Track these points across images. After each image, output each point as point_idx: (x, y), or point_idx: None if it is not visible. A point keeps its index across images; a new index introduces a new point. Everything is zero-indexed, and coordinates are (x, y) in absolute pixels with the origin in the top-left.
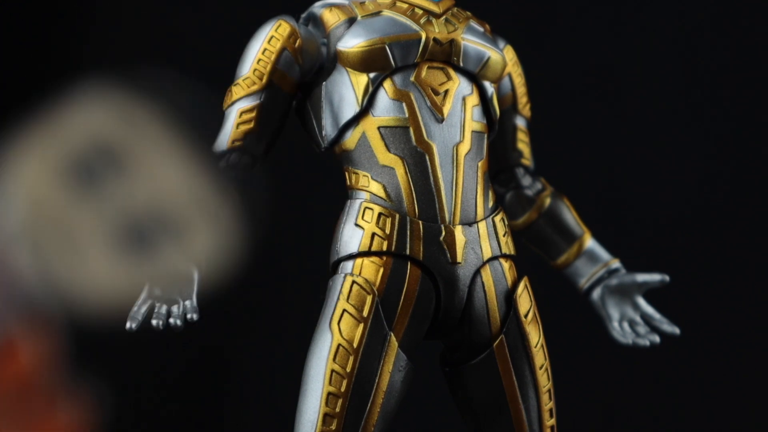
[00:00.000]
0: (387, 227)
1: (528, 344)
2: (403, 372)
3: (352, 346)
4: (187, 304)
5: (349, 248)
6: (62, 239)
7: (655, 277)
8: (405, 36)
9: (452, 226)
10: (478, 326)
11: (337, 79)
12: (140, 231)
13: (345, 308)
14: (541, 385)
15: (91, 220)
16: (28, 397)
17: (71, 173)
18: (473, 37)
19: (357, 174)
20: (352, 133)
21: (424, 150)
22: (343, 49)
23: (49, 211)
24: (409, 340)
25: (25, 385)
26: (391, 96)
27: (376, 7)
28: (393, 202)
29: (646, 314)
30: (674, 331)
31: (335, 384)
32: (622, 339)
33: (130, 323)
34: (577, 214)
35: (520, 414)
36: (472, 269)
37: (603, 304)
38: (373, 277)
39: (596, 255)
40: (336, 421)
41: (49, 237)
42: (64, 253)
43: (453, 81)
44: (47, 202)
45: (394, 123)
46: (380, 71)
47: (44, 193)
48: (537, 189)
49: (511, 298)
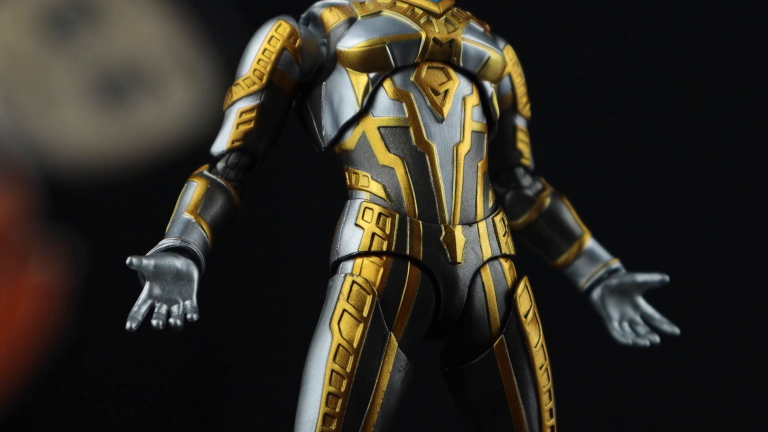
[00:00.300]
0: (387, 227)
1: (528, 344)
2: (403, 372)
3: (352, 346)
4: (187, 304)
5: (349, 248)
6: (36, 91)
7: (655, 277)
8: (405, 36)
9: (452, 226)
10: (478, 326)
11: (337, 79)
12: (116, 84)
13: (345, 308)
14: (541, 385)
15: (66, 73)
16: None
17: (46, 24)
18: (473, 37)
19: (357, 174)
20: (352, 133)
21: (424, 150)
22: (343, 49)
23: (23, 63)
24: (409, 340)
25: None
26: (391, 96)
27: (376, 7)
28: (393, 202)
29: (646, 314)
30: (674, 331)
31: (335, 384)
32: (622, 339)
33: (130, 323)
34: (577, 214)
35: (520, 414)
36: (472, 269)
37: (603, 304)
38: (373, 277)
39: (596, 255)
40: (336, 421)
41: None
42: (38, 105)
43: (453, 81)
44: (21, 53)
45: (394, 123)
46: (380, 71)
47: (18, 44)
48: (537, 189)
49: (511, 298)
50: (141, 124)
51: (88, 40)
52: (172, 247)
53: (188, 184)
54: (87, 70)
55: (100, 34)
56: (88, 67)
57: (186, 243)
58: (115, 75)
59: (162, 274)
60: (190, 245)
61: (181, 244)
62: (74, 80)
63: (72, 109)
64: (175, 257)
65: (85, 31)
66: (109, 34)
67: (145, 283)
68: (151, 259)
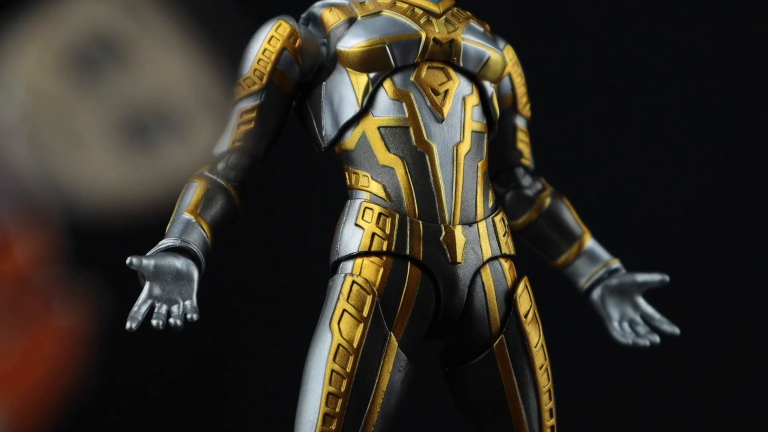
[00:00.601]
0: (387, 227)
1: (528, 344)
2: (403, 372)
3: (352, 346)
4: (187, 304)
5: (349, 248)
6: (61, 132)
7: (655, 277)
8: (405, 36)
9: (452, 226)
10: (478, 326)
11: (337, 79)
12: (142, 125)
13: (345, 308)
14: (541, 385)
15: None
16: (23, 295)
17: (72, 64)
18: (473, 37)
19: (357, 174)
20: (352, 133)
21: (424, 150)
22: (343, 49)
23: (49, 103)
24: (409, 340)
25: (20, 282)
26: (391, 96)
27: (376, 7)
28: (393, 202)
29: (646, 314)
30: (674, 331)
31: (335, 384)
32: (622, 339)
33: (130, 323)
34: (577, 214)
35: (520, 414)
36: (472, 269)
37: (603, 304)
38: (373, 277)
39: (596, 255)
40: (336, 421)
41: (47, 129)
42: (63, 146)
43: (453, 81)
44: (46, 93)
45: (394, 123)
46: (380, 71)
47: (43, 84)
48: (537, 189)
49: (511, 298)
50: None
51: (115, 81)
52: (172, 247)
53: (188, 184)
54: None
55: (127, 75)
56: (115, 108)
57: (186, 243)
58: (142, 116)
59: (162, 274)
60: (190, 245)
61: (181, 244)
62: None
63: (97, 151)
64: (175, 257)
65: (112, 72)
66: (136, 75)
67: (145, 283)
68: (151, 259)
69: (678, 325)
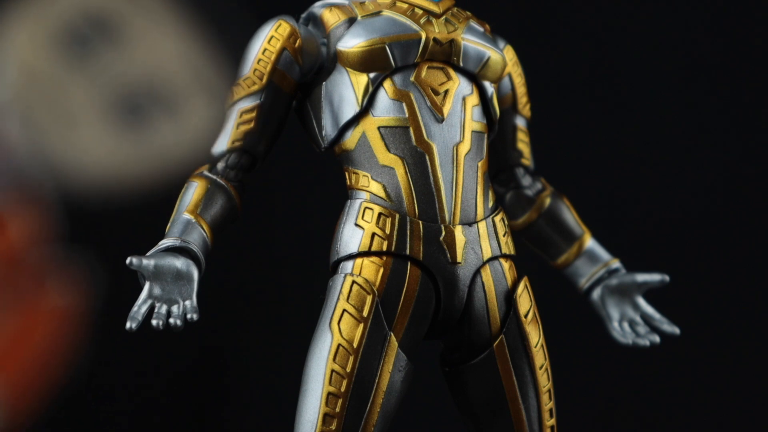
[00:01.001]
0: (387, 227)
1: (528, 344)
2: (403, 372)
3: (352, 346)
4: (187, 304)
5: (349, 248)
6: (54, 111)
7: (655, 277)
8: (405, 36)
9: (452, 226)
10: (478, 326)
11: (337, 79)
12: (134, 104)
13: (345, 308)
14: (541, 385)
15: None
16: (16, 274)
17: (64, 43)
18: (473, 37)
19: (357, 174)
20: (352, 133)
21: (424, 150)
22: (343, 49)
23: (41, 82)
24: (409, 340)
25: (13, 261)
26: (391, 96)
27: (376, 7)
28: (393, 202)
29: (646, 314)
30: (674, 331)
31: (335, 384)
32: (622, 339)
33: (130, 323)
34: (576, 214)
35: (520, 414)
36: (472, 269)
37: (603, 304)
38: (373, 277)
39: (596, 255)
40: (336, 421)
41: (40, 108)
42: (55, 124)
43: (453, 81)
44: (39, 72)
45: (394, 123)
46: (380, 71)
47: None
48: (537, 189)
49: (511, 298)
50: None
51: (107, 59)
52: (172, 247)
53: (188, 184)
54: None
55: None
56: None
57: (186, 243)
58: (135, 95)
59: (162, 274)
60: (190, 245)
61: (181, 244)
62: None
63: (90, 130)
64: (175, 257)
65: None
66: (128, 53)
67: (145, 283)
68: (151, 259)
69: (678, 325)
